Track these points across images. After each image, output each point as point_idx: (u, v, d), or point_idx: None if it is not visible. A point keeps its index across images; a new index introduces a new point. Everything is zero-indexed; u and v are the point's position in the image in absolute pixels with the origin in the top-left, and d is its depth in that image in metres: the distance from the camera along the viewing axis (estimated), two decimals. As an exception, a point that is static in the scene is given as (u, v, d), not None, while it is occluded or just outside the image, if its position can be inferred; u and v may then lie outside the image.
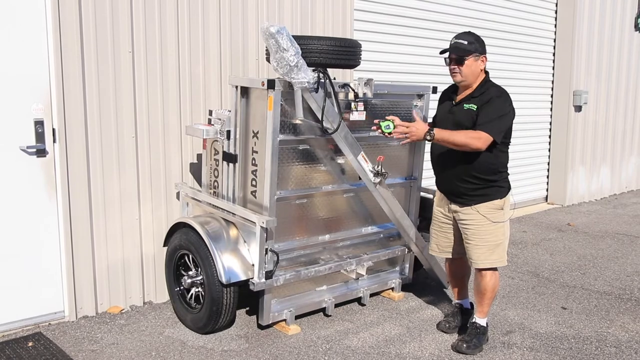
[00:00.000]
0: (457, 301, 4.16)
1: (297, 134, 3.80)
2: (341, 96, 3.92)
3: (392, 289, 4.62)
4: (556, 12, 8.05)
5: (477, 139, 3.44)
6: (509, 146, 3.71)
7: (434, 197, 4.31)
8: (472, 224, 3.66)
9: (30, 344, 3.69)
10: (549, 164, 8.43)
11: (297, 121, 3.74)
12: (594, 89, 8.46)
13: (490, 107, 3.51)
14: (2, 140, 3.72)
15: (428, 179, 4.52)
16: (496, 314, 4.33)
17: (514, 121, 3.63)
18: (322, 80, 3.68)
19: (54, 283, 4.01)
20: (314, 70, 3.66)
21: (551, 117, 8.31)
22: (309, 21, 5.10)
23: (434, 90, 4.46)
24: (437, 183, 3.89)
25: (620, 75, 8.93)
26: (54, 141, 3.88)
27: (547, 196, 8.50)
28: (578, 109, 8.22)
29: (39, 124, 3.82)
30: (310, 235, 4.04)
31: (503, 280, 5.05)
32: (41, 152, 3.86)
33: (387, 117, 3.57)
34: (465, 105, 3.61)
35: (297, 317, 4.05)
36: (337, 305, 4.28)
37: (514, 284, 5.01)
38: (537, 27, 7.84)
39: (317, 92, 3.66)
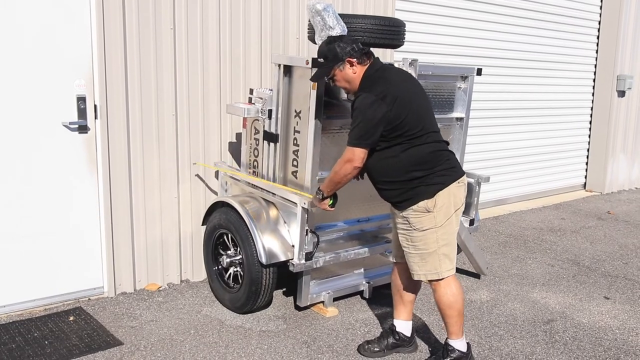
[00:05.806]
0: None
1: (340, 114, 3.73)
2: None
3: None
4: (602, -7, 7.79)
5: (346, 162, 3.02)
6: (419, 138, 3.03)
7: (475, 181, 4.24)
8: (402, 229, 3.17)
9: (71, 318, 3.73)
10: (588, 150, 8.22)
11: (341, 101, 3.67)
12: None
13: (352, 118, 3.04)
14: (45, 116, 3.73)
15: (467, 163, 4.42)
16: (536, 301, 4.24)
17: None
18: None
19: (94, 259, 4.04)
20: (358, 49, 3.57)
21: (592, 102, 8.08)
22: (350, -1, 5.01)
23: (479, 72, 4.34)
24: None
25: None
26: (96, 117, 3.88)
27: (585, 183, 8.30)
28: (621, 94, 7.97)
29: (81, 100, 3.82)
30: (350, 217, 3.99)
31: (542, 268, 4.95)
32: (83, 129, 3.87)
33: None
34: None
35: (334, 300, 4.02)
36: (374, 289, 4.23)
37: (554, 271, 4.89)
38: (581, 9, 7.58)
39: (361, 71, 3.57)
